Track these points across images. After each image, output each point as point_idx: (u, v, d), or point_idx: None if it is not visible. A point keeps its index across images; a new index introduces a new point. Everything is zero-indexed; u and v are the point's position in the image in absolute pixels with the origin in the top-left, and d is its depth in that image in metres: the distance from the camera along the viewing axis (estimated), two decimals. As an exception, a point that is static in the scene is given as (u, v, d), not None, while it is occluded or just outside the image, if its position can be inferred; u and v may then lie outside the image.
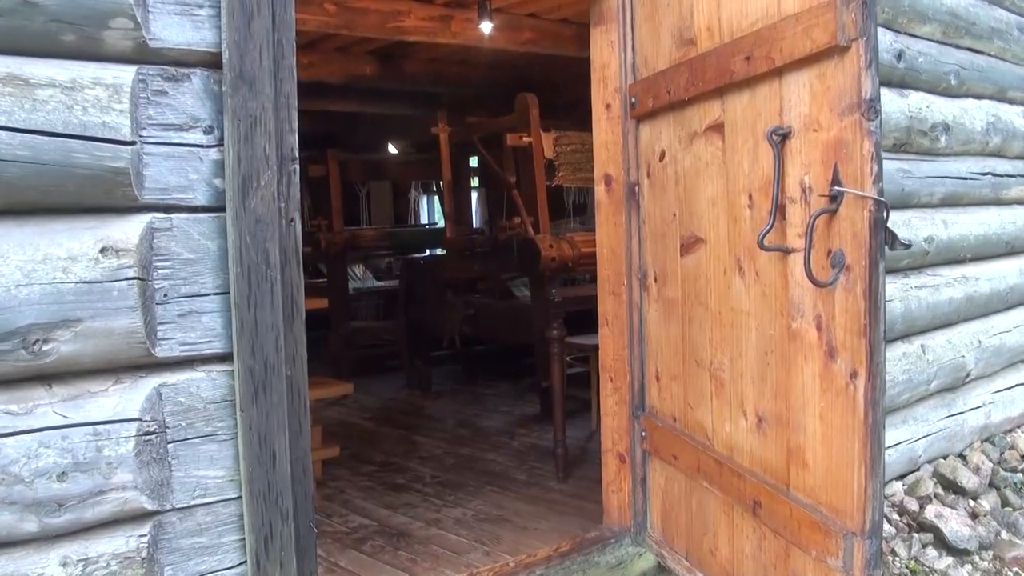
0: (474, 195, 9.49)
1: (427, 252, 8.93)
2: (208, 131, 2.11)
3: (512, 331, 6.22)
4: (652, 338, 2.86)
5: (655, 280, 2.80)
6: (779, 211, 2.06)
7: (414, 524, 3.85)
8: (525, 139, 5.81)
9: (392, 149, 9.93)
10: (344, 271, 7.94)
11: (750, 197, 2.21)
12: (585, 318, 4.99)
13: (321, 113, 8.97)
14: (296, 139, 2.21)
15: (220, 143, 2.10)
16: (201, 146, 2.10)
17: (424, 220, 11.43)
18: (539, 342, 5.91)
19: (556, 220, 6.56)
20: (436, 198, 10.24)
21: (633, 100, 2.78)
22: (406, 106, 8.57)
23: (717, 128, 2.34)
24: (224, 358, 2.15)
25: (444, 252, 6.81)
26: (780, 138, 2.05)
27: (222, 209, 2.11)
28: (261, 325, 2.11)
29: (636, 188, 2.88)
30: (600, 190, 3.00)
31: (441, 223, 7.90)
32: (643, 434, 2.92)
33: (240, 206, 2.07)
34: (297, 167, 2.18)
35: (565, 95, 7.26)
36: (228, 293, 2.11)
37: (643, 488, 3.00)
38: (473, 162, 8.93)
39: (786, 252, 2.06)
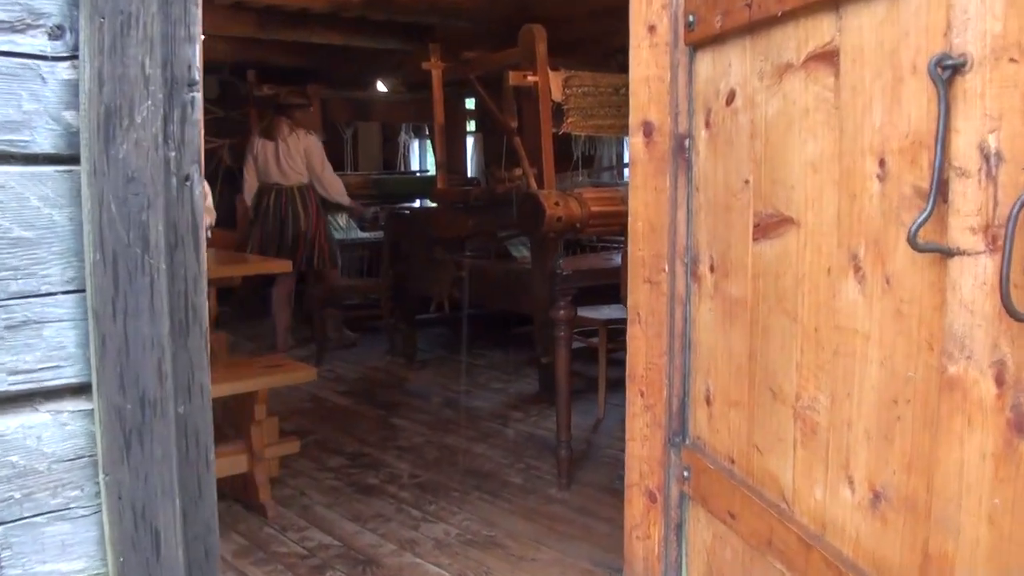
0: (470, 141, 8.68)
1: (418, 202, 8.15)
2: (55, 34, 1.34)
3: (508, 298, 5.48)
4: (702, 346, 2.13)
5: (711, 269, 2.06)
6: (940, 189, 1.32)
7: (384, 547, 3.14)
8: (530, 78, 5.01)
9: (381, 88, 9.10)
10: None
11: (881, 163, 1.46)
12: (595, 290, 4.27)
13: (303, 45, 8.14)
14: (198, 52, 1.45)
15: (74, 54, 1.34)
16: (44, 58, 1.33)
17: (415, 167, 10.61)
18: (539, 312, 5.19)
19: (561, 173, 5.80)
20: (428, 143, 9.41)
21: (690, 19, 2.01)
22: (396, 39, 7.72)
23: (826, 57, 1.58)
24: (80, 391, 1.41)
25: (434, 205, 6.03)
26: (948, 73, 1.30)
27: (76, 160, 1.36)
28: (134, 341, 1.38)
29: (687, 142, 2.12)
30: (636, 143, 2.23)
31: (433, 170, 7.11)
32: (684, 473, 2.19)
33: (102, 155, 1.33)
34: (198, 96, 1.43)
35: (574, 31, 6.44)
36: (84, 291, 1.38)
37: (678, 540, 2.28)
38: (470, 104, 8.12)
39: (946, 254, 1.31)
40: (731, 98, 1.93)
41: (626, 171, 7.27)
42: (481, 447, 4.24)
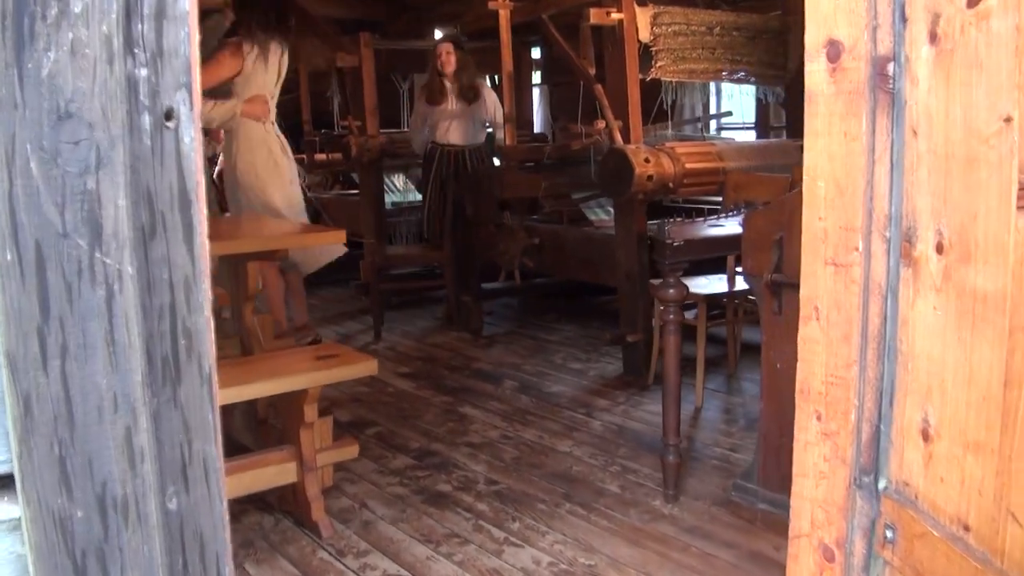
0: (535, 93, 8.03)
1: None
2: None
3: (588, 268, 4.89)
4: (919, 358, 1.52)
5: (939, 249, 1.44)
6: None
7: (462, 582, 2.60)
8: (613, 15, 4.38)
9: (439, 35, 8.48)
10: (379, 183, 6.62)
11: None
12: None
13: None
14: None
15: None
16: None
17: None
18: (623, 284, 4.59)
19: (644, 126, 5.16)
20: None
21: None
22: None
23: None
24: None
25: (501, 164, 5.43)
26: None
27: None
28: (83, 400, 0.82)
29: (892, 67, 1.50)
30: (815, 71, 1.60)
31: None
32: (886, 534, 1.59)
33: (9, 70, 0.77)
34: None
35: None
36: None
37: (870, 616, 1.70)
38: (535, 53, 7.47)
39: None
40: (981, -2, 1.31)
41: (712, 123, 6.61)
42: (566, 444, 3.67)
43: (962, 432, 1.40)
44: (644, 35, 4.51)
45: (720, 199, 4.60)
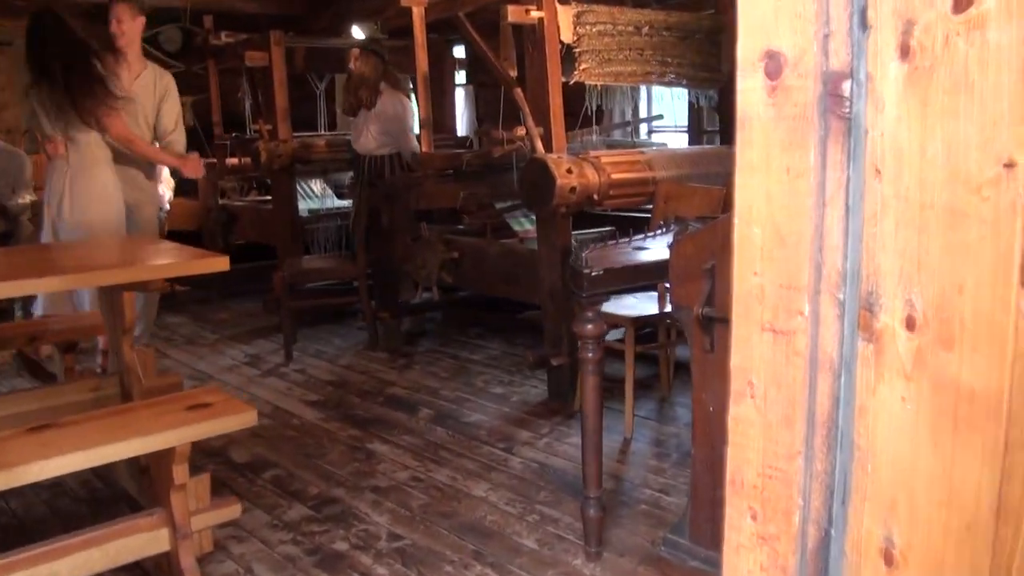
0: (459, 94, 7.66)
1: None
2: None
3: (510, 284, 4.55)
4: (883, 460, 1.19)
5: (908, 324, 1.13)
6: None
7: (349, 673, 2.24)
8: (533, 14, 4.03)
9: (357, 34, 8.08)
10: (291, 191, 6.21)
11: None
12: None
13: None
14: None
15: None
16: None
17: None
18: (547, 301, 4.26)
19: (569, 131, 4.84)
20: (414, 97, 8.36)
21: None
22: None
23: None
24: None
25: (417, 172, 5.05)
26: None
27: None
28: None
29: (850, 87, 1.17)
30: (751, 88, 1.27)
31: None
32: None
33: None
34: None
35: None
36: None
37: None
38: (459, 52, 7.10)
39: None
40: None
41: (643, 127, 6.30)
42: (482, 487, 3.32)
43: (937, 566, 1.08)
44: (566, 35, 4.18)
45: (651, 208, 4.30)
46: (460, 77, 7.64)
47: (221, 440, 3.88)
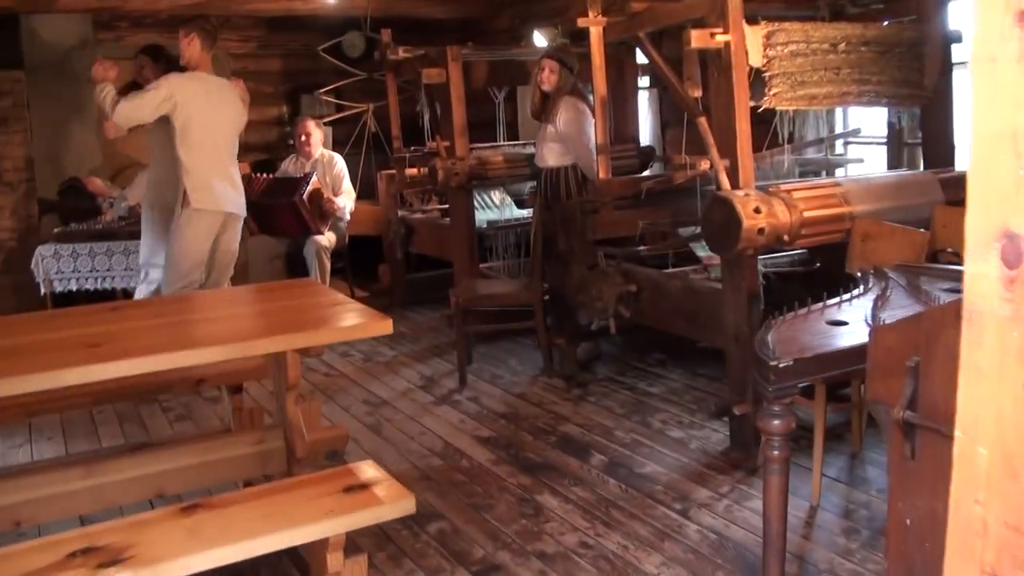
0: (641, 98, 7.35)
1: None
2: None
3: (691, 323, 4.28)
4: None
5: None
6: None
7: None
8: (719, 38, 3.74)
9: (540, 40, 7.92)
10: (468, 208, 6.12)
11: None
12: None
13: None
14: None
15: None
16: None
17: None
18: (730, 345, 3.98)
19: (757, 152, 4.51)
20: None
21: None
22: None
23: None
24: None
25: (593, 199, 4.84)
26: None
27: None
28: None
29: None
30: (982, 276, 1.02)
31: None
32: None
33: None
34: None
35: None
36: None
37: None
38: (643, 56, 6.80)
39: None
40: None
41: (839, 143, 5.84)
42: (653, 560, 3.11)
43: None
44: (755, 59, 3.86)
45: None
46: (642, 81, 7.34)
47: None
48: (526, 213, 7.05)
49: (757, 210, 3.62)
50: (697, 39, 3.73)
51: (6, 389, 2.28)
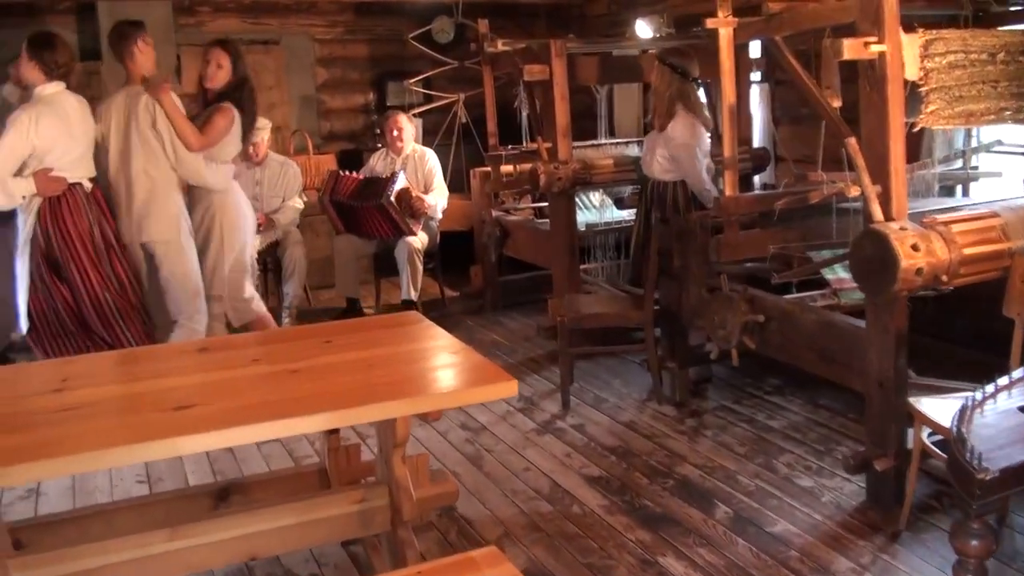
0: (752, 92, 6.87)
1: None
2: None
3: (827, 363, 3.86)
4: None
5: None
6: None
7: None
8: (872, 48, 3.30)
9: (643, 31, 7.50)
10: (570, 215, 5.76)
11: None
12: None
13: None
14: None
15: None
16: None
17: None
18: (874, 391, 3.56)
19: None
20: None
21: None
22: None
23: None
24: None
25: (716, 216, 4.43)
26: None
27: None
28: None
29: None
30: None
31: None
32: None
33: None
34: None
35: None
36: None
37: None
38: (755, 50, 6.34)
39: None
40: None
41: (975, 157, 5.31)
42: (800, 652, 2.76)
43: None
44: (912, 72, 3.41)
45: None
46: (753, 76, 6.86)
47: (497, 529, 3.55)
48: (626, 215, 6.68)
49: (915, 247, 3.20)
50: (850, 49, 3.29)
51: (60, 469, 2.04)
